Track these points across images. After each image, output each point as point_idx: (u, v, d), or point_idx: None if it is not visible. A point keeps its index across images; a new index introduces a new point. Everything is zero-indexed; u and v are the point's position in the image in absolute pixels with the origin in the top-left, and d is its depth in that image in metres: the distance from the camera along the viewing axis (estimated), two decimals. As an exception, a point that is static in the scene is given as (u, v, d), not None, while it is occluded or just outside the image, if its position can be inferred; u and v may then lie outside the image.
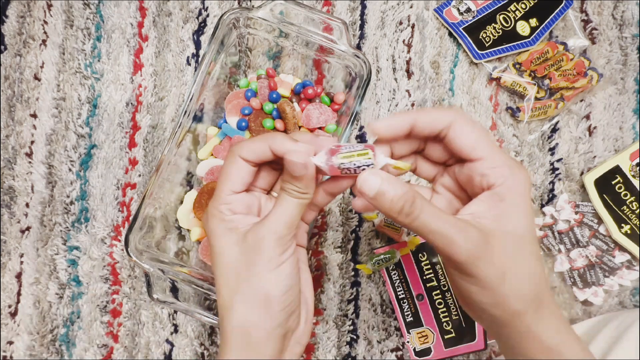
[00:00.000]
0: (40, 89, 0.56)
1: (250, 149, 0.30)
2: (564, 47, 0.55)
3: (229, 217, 0.30)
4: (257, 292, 0.29)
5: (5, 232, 0.54)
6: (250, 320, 0.29)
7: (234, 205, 0.30)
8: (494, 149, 0.29)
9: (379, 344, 0.52)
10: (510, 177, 0.28)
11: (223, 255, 0.30)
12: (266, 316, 0.29)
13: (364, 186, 0.28)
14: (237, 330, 0.29)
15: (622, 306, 0.52)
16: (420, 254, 0.52)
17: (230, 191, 0.30)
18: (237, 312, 0.29)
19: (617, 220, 0.51)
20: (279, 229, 0.29)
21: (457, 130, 0.29)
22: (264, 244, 0.29)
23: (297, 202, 0.30)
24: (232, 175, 0.30)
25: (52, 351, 0.52)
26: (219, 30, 0.46)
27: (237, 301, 0.29)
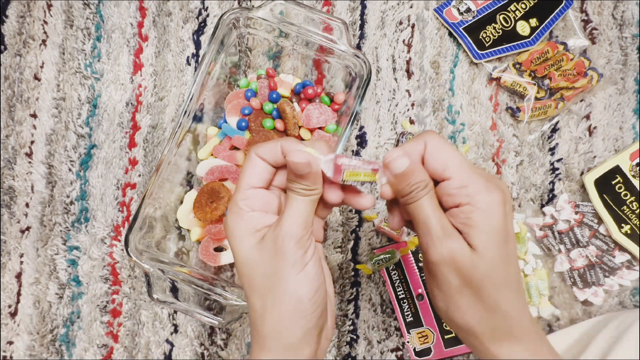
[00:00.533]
0: (40, 89, 0.56)
1: (266, 148, 0.30)
2: (564, 47, 0.55)
3: (248, 215, 0.30)
4: (288, 297, 0.29)
5: (5, 232, 0.54)
6: (285, 325, 0.29)
7: (252, 201, 0.30)
8: (463, 169, 0.29)
9: (379, 344, 0.52)
10: (476, 198, 0.28)
11: (247, 262, 0.30)
12: (301, 319, 0.29)
13: (392, 164, 0.29)
14: (274, 335, 0.29)
15: (622, 306, 0.52)
16: (420, 254, 0.52)
17: (249, 185, 0.30)
18: (271, 317, 0.29)
19: (617, 220, 0.51)
20: (295, 230, 0.29)
21: (428, 152, 0.29)
22: (285, 248, 0.29)
23: (307, 200, 0.30)
24: (250, 171, 0.31)
25: (52, 351, 0.52)
26: (219, 30, 0.46)
27: (269, 307, 0.29)
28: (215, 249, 0.50)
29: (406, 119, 0.55)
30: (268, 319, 0.29)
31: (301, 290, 0.29)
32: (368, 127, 0.55)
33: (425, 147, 0.30)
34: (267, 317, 0.29)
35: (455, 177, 0.29)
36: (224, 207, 0.48)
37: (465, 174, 0.28)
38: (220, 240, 0.50)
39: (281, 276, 0.29)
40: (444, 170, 0.29)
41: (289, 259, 0.29)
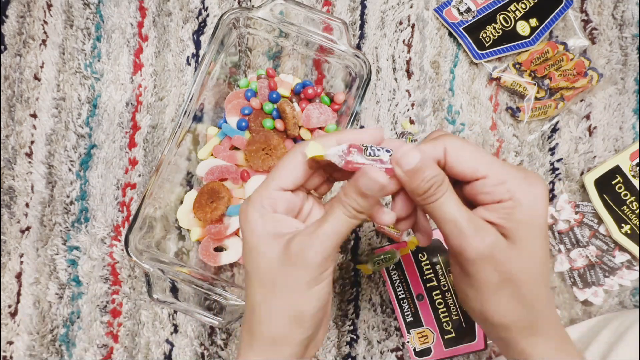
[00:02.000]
0: (40, 89, 0.56)
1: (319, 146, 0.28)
2: (564, 47, 0.55)
3: (269, 215, 0.29)
4: (291, 308, 0.28)
5: (5, 232, 0.54)
6: (281, 332, 0.29)
7: (277, 203, 0.29)
8: (494, 165, 0.28)
9: (379, 344, 0.52)
10: (518, 192, 0.27)
11: (262, 259, 0.29)
12: (297, 331, 0.29)
13: (403, 159, 0.27)
14: (267, 338, 0.29)
15: (622, 306, 0.52)
16: (420, 254, 0.52)
17: (279, 187, 0.29)
18: (269, 321, 0.29)
19: (617, 220, 0.51)
20: (328, 247, 0.27)
21: (452, 155, 0.28)
22: (309, 260, 0.27)
23: (350, 223, 0.28)
24: (288, 172, 0.29)
25: (52, 351, 0.52)
26: (219, 30, 0.46)
27: (266, 310, 0.29)
28: (215, 249, 0.50)
29: (406, 119, 0.55)
30: (264, 322, 0.29)
31: (306, 307, 0.28)
32: (368, 127, 0.55)
33: (446, 151, 0.28)
34: (264, 318, 0.29)
35: (491, 175, 0.27)
36: (224, 207, 0.48)
37: (500, 170, 0.27)
38: (220, 240, 0.50)
39: (293, 286, 0.28)
40: (475, 171, 0.28)
41: (308, 273, 0.28)
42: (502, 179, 0.27)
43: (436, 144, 0.29)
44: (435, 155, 0.29)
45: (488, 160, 0.28)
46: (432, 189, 0.27)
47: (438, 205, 0.27)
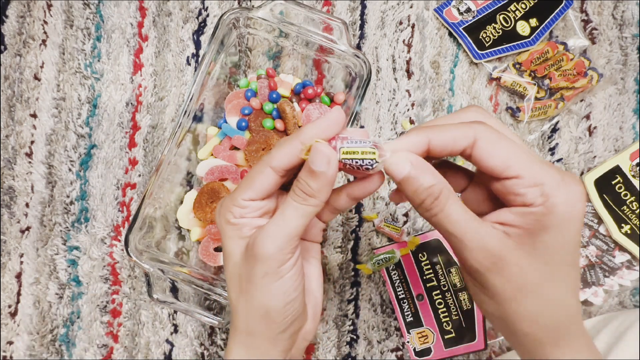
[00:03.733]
0: (40, 89, 0.56)
1: (282, 153, 0.28)
2: (564, 47, 0.55)
3: (235, 220, 0.29)
4: (256, 305, 0.28)
5: (5, 232, 0.54)
6: (253, 327, 0.29)
7: (247, 211, 0.29)
8: (531, 164, 0.25)
9: (379, 344, 0.52)
10: (554, 197, 0.24)
11: (230, 258, 0.30)
12: (267, 326, 0.29)
13: (391, 168, 0.26)
14: (243, 334, 0.30)
15: (622, 306, 0.52)
16: (420, 254, 0.52)
17: (249, 198, 0.29)
18: (242, 317, 0.29)
19: (617, 220, 0.51)
20: (279, 238, 0.27)
21: (482, 148, 0.25)
22: (263, 253, 0.27)
23: (303, 210, 0.27)
24: (256, 185, 0.29)
25: (52, 351, 0.52)
26: (219, 30, 0.46)
27: (241, 307, 0.29)
28: (215, 249, 0.50)
29: (406, 119, 0.55)
30: (241, 317, 0.29)
31: (270, 302, 0.28)
32: (368, 127, 0.55)
33: (476, 143, 0.25)
34: (240, 314, 0.29)
35: (526, 175, 0.24)
36: (224, 207, 0.48)
37: (537, 170, 0.24)
38: (220, 240, 0.50)
39: (253, 283, 0.28)
40: (507, 168, 0.25)
41: (263, 268, 0.27)
42: (539, 180, 0.24)
43: (465, 131, 0.26)
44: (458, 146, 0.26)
45: (525, 158, 0.25)
46: (427, 202, 0.26)
47: (439, 220, 0.26)
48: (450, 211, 0.26)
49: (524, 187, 0.25)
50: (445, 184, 0.26)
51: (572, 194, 0.24)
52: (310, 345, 0.52)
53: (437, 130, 0.26)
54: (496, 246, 0.25)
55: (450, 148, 0.26)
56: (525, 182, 0.25)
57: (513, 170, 0.25)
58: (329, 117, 0.27)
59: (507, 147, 0.25)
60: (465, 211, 0.26)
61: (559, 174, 0.25)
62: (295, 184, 0.28)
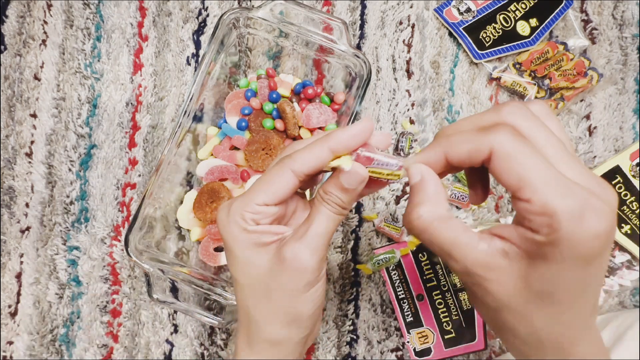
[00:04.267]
0: (40, 89, 0.56)
1: (308, 158, 0.26)
2: (564, 47, 0.55)
3: (252, 228, 0.28)
4: (289, 311, 0.28)
5: (5, 232, 0.54)
6: (281, 334, 0.29)
7: (260, 217, 0.28)
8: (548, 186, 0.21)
9: (379, 344, 0.52)
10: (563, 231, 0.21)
11: (250, 268, 0.28)
12: (297, 331, 0.29)
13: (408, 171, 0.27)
14: (266, 344, 0.29)
15: (622, 306, 0.52)
16: (420, 254, 0.52)
17: (263, 203, 0.27)
18: (265, 326, 0.29)
19: (617, 220, 0.51)
20: (320, 248, 0.27)
21: (496, 164, 0.23)
22: (305, 265, 0.27)
23: (335, 219, 0.28)
24: (274, 188, 0.27)
25: (52, 351, 0.52)
26: (219, 30, 0.46)
27: (267, 314, 0.29)
28: (215, 249, 0.50)
29: (406, 119, 0.55)
30: (264, 327, 0.29)
31: (304, 309, 0.28)
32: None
33: (492, 154, 0.23)
34: (263, 324, 0.29)
35: (537, 201, 0.21)
36: (224, 207, 0.48)
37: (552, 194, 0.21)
38: (220, 241, 0.50)
39: (289, 291, 0.28)
40: (519, 189, 0.22)
41: (305, 278, 0.27)
42: (550, 209, 0.21)
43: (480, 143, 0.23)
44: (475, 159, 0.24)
45: (544, 177, 0.21)
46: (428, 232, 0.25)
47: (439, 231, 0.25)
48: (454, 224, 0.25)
49: (531, 213, 0.22)
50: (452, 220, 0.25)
51: (588, 232, 0.21)
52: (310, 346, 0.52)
53: (453, 143, 0.24)
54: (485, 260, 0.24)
55: (467, 162, 0.24)
56: (534, 208, 0.21)
57: (525, 192, 0.22)
58: (360, 126, 0.27)
59: (523, 162, 0.22)
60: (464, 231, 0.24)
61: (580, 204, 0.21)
62: (325, 195, 0.28)
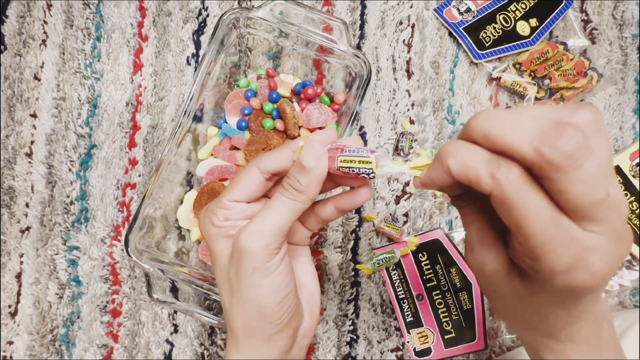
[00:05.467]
0: (40, 89, 0.56)
1: (272, 156, 0.28)
2: (564, 47, 0.55)
3: (219, 222, 0.29)
4: (250, 304, 0.28)
5: (5, 232, 0.54)
6: (251, 327, 0.29)
7: (230, 213, 0.29)
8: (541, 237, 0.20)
9: (379, 344, 0.52)
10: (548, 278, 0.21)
11: (218, 260, 0.30)
12: (263, 326, 0.29)
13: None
14: (239, 337, 0.29)
15: (622, 306, 0.52)
16: (420, 254, 0.52)
17: (233, 199, 0.29)
18: (236, 319, 0.29)
19: (617, 220, 0.51)
20: (266, 232, 0.27)
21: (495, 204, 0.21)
22: (249, 249, 0.27)
23: (291, 206, 0.27)
24: (241, 185, 0.29)
25: (52, 351, 0.52)
26: (219, 30, 0.46)
27: (235, 308, 0.29)
28: (215, 249, 0.50)
29: (406, 119, 0.55)
30: (235, 320, 0.29)
31: (263, 300, 0.28)
32: (368, 127, 0.55)
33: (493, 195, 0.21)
34: (234, 315, 0.29)
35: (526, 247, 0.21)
36: (224, 207, 0.48)
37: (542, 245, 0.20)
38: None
39: (243, 282, 0.28)
40: (516, 230, 0.21)
41: (251, 265, 0.27)
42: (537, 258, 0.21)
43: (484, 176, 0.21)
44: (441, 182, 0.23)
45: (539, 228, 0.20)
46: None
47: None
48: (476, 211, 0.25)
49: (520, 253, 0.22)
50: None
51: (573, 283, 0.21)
52: (310, 345, 0.52)
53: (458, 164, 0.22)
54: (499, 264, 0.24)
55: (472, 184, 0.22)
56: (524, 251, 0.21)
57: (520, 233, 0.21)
58: (322, 131, 0.28)
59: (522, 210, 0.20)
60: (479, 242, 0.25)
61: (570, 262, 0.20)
62: (285, 180, 0.28)
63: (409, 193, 0.54)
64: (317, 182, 0.27)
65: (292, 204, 0.27)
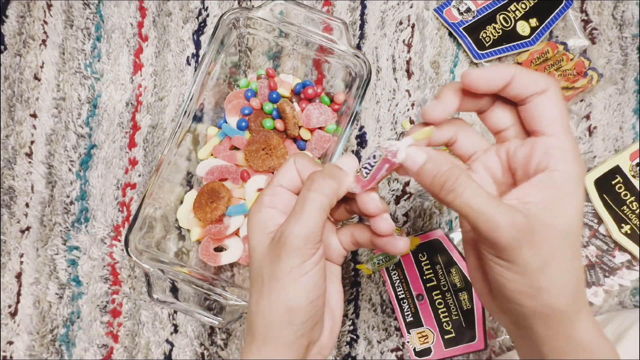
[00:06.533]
0: (40, 89, 0.56)
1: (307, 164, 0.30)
2: (564, 47, 0.55)
3: (265, 210, 0.30)
4: (279, 303, 0.28)
5: (5, 232, 0.54)
6: (271, 332, 0.29)
7: (277, 198, 0.30)
8: (567, 132, 0.27)
9: (379, 344, 0.52)
10: (572, 164, 0.26)
11: (254, 253, 0.30)
12: (288, 328, 0.28)
13: (407, 161, 0.28)
14: (260, 341, 0.29)
15: (622, 306, 0.52)
16: (420, 254, 0.52)
17: (278, 183, 0.30)
18: (260, 320, 0.29)
19: (617, 220, 0.51)
20: (306, 228, 0.28)
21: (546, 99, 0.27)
22: (289, 245, 0.28)
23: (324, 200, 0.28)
24: (283, 172, 0.31)
25: (52, 351, 0.52)
26: (219, 30, 0.46)
27: (261, 309, 0.29)
28: (215, 249, 0.50)
29: (406, 119, 0.55)
30: (259, 321, 0.29)
31: (294, 300, 0.28)
32: (368, 127, 0.55)
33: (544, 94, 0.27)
34: (259, 315, 0.29)
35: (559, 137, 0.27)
36: (224, 207, 0.48)
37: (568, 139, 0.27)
38: (220, 240, 0.50)
39: (277, 280, 0.28)
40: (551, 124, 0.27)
41: (290, 261, 0.28)
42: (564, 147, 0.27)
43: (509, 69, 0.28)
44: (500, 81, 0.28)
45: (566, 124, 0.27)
46: (447, 185, 0.26)
47: (463, 202, 0.26)
48: (475, 191, 0.26)
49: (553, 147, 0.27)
50: (462, 167, 0.27)
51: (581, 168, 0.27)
52: None
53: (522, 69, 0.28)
54: (524, 221, 0.26)
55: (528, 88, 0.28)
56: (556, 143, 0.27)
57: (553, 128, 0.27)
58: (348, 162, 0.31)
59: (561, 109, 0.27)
60: (487, 191, 0.26)
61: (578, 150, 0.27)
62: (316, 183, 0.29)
63: (409, 193, 0.54)
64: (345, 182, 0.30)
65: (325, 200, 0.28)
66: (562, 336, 0.28)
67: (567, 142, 0.27)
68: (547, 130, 0.27)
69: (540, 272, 0.26)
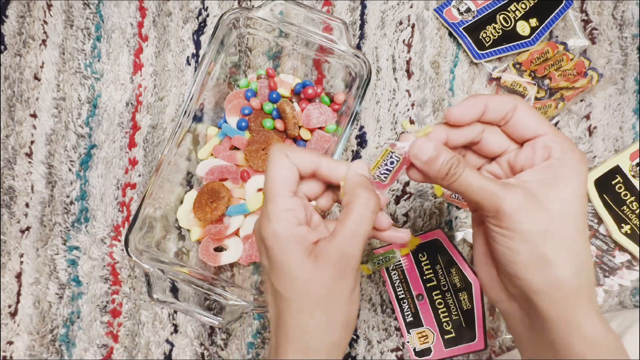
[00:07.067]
0: (40, 89, 0.56)
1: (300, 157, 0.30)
2: (564, 47, 0.55)
3: (297, 228, 0.29)
4: (342, 316, 0.29)
5: (5, 232, 0.54)
6: (333, 342, 0.30)
7: (297, 212, 0.29)
8: (556, 129, 0.30)
9: (379, 344, 0.52)
10: (570, 152, 0.29)
11: (292, 269, 0.28)
12: (347, 337, 0.30)
13: (419, 152, 0.30)
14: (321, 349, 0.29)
15: (622, 306, 0.52)
16: (420, 254, 0.52)
17: (289, 192, 0.29)
18: (318, 333, 0.29)
19: (617, 220, 0.51)
20: (359, 249, 0.29)
21: (521, 112, 0.30)
22: (349, 268, 0.28)
23: (372, 215, 0.29)
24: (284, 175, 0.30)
25: (52, 351, 0.52)
26: (219, 30, 0.46)
27: (319, 322, 0.29)
28: (215, 249, 0.50)
29: (406, 119, 0.55)
30: (316, 335, 0.29)
31: (354, 310, 0.30)
32: (368, 127, 0.55)
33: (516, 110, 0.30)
34: (313, 333, 0.29)
35: (551, 134, 0.29)
36: (224, 207, 0.48)
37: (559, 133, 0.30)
38: (220, 240, 0.50)
39: (343, 295, 0.29)
40: (538, 127, 0.30)
41: (352, 280, 0.29)
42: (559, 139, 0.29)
43: (479, 99, 0.31)
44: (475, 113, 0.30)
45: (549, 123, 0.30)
46: (451, 170, 0.29)
47: (464, 181, 0.29)
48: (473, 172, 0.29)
49: (550, 141, 0.29)
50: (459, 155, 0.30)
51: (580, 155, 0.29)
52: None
53: (490, 96, 0.31)
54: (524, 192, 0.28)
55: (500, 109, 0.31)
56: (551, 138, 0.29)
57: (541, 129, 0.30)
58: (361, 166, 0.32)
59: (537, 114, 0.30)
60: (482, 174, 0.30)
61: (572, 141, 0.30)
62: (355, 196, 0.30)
63: (409, 193, 0.54)
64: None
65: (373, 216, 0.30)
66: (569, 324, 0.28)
67: (560, 136, 0.29)
68: (538, 132, 0.30)
69: (542, 238, 0.27)
